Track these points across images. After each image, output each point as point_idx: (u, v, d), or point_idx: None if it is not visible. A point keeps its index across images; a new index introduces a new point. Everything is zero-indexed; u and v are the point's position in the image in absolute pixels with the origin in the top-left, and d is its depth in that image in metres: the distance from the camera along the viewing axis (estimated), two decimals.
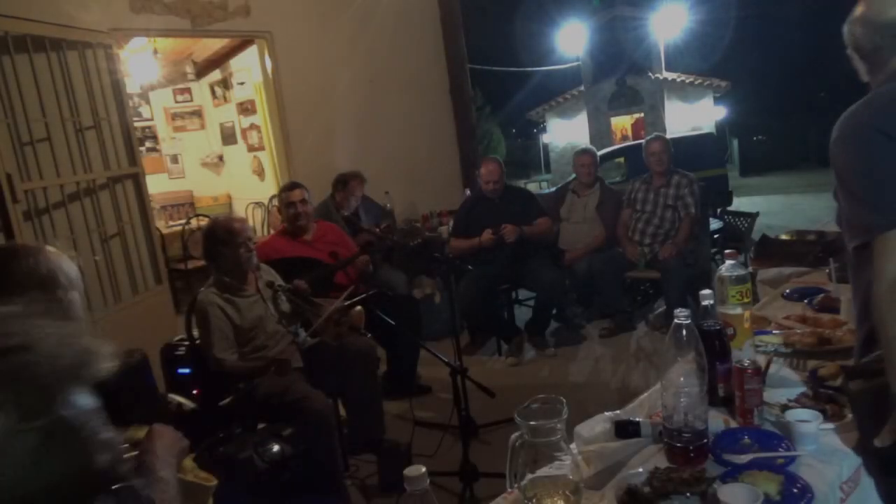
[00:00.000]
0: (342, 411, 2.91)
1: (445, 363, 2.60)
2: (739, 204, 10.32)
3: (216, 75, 7.85)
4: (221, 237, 2.66)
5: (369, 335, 2.90)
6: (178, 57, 7.38)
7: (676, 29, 17.70)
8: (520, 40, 22.03)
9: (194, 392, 2.71)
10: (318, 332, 2.80)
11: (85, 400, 0.66)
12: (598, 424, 1.37)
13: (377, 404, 2.95)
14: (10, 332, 0.65)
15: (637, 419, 1.39)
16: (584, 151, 4.84)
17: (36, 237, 3.42)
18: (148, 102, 7.89)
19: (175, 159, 8.26)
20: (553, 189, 7.05)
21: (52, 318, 0.70)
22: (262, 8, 4.95)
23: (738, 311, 1.64)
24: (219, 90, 7.92)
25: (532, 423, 1.07)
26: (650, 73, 17.52)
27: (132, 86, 6.66)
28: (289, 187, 3.68)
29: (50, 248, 1.28)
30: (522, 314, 4.73)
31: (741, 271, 1.65)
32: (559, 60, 19.32)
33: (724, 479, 1.15)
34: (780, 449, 1.26)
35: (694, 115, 17.29)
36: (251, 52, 6.25)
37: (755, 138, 23.18)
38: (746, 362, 1.36)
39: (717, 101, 18.36)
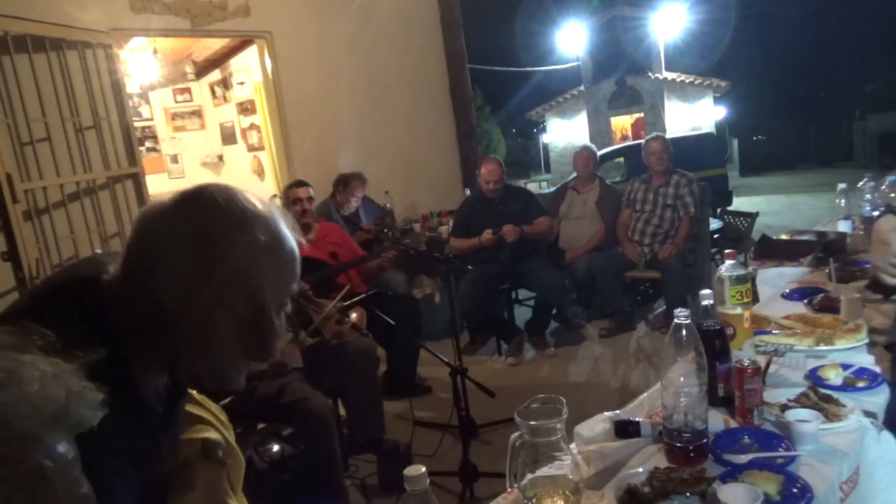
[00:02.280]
0: (342, 411, 2.91)
1: (445, 363, 2.60)
2: (739, 204, 10.34)
3: (216, 75, 7.84)
4: None
5: (369, 335, 2.89)
6: (178, 57, 7.37)
7: (676, 29, 17.72)
8: (520, 40, 22.09)
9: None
10: (318, 331, 2.80)
11: (64, 448, 0.58)
12: (598, 424, 1.37)
13: (377, 404, 2.95)
14: None
15: (637, 419, 1.38)
16: (583, 147, 5.08)
17: (36, 237, 3.41)
18: (148, 102, 7.88)
19: (175, 159, 8.25)
20: (553, 189, 7.06)
21: (43, 354, 0.60)
22: (262, 8, 4.95)
23: (738, 311, 1.64)
24: (219, 90, 7.92)
25: (532, 423, 1.07)
26: (650, 73, 17.54)
27: (132, 86, 6.65)
28: (295, 184, 3.69)
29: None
30: (522, 314, 4.72)
31: (741, 271, 1.65)
32: (559, 60, 19.34)
33: (724, 479, 1.15)
34: (780, 449, 1.26)
35: (694, 115, 17.29)
36: (251, 52, 6.25)
37: (755, 138, 23.16)
38: (746, 362, 1.36)
39: (717, 101, 18.36)
